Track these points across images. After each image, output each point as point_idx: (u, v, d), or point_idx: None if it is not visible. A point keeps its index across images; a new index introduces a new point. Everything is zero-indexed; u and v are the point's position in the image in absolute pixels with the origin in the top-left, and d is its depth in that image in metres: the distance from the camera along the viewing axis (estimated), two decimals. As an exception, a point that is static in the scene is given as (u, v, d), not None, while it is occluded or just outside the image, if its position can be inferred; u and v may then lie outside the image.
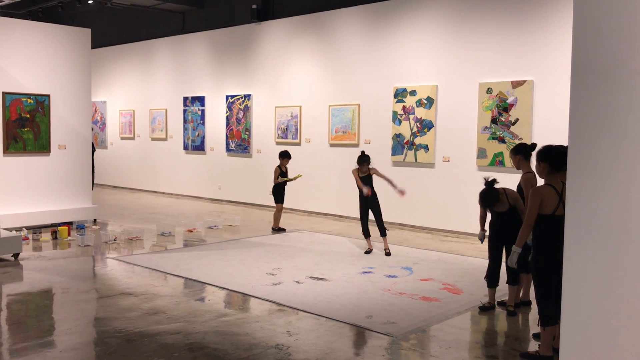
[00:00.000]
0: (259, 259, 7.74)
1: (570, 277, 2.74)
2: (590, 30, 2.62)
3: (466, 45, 9.58)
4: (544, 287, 4.45)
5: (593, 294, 2.66)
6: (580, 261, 2.69)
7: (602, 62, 2.59)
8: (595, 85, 2.61)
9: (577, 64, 2.66)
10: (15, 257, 7.63)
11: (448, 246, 8.86)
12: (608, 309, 2.62)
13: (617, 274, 2.59)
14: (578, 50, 2.65)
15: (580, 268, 2.69)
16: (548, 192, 4.39)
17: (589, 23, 2.62)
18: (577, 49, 2.66)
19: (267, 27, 12.69)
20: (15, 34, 9.67)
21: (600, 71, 2.59)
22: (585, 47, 2.63)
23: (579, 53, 2.65)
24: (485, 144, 9.32)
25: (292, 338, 4.84)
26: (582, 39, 2.64)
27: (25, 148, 9.73)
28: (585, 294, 2.68)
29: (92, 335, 4.98)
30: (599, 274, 2.63)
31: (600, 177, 2.60)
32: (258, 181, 12.84)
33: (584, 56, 2.63)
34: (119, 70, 16.75)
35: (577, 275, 2.71)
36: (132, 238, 9.06)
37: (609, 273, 2.61)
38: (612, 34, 2.56)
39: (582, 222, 2.67)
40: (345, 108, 11.23)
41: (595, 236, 2.63)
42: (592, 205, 2.63)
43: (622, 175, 2.54)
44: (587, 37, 2.63)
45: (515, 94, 8.98)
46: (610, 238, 2.59)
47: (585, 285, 2.68)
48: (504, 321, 5.47)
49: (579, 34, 2.65)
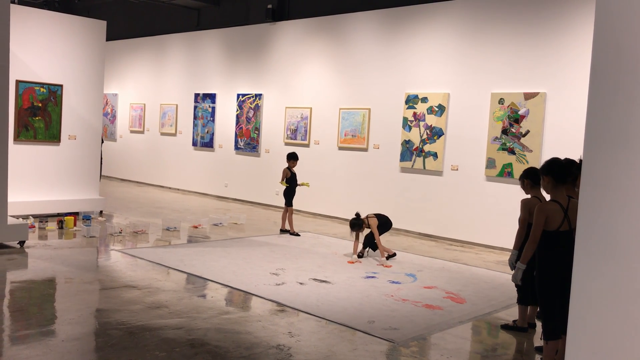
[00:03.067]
0: (263, 258, 7.74)
1: (579, 292, 2.72)
2: (610, 46, 2.60)
3: (480, 54, 9.56)
4: (548, 301, 4.43)
5: (601, 309, 2.64)
6: (590, 275, 2.67)
7: (620, 78, 2.57)
8: (612, 100, 2.59)
9: (595, 79, 2.64)
10: (21, 244, 7.66)
11: (453, 255, 8.83)
12: (616, 325, 2.60)
13: (627, 290, 2.57)
14: (597, 65, 2.64)
15: (590, 282, 2.67)
16: (553, 209, 4.37)
17: (609, 39, 2.61)
18: (596, 63, 2.65)
19: (282, 27, 12.71)
20: (32, 23, 9.73)
21: (617, 86, 2.57)
22: (604, 63, 2.62)
23: (597, 68, 2.64)
24: (495, 155, 9.29)
25: (293, 339, 4.83)
26: (601, 54, 2.63)
27: (36, 137, 9.77)
28: (594, 309, 2.66)
29: (94, 326, 4.99)
30: (609, 289, 2.61)
31: (614, 192, 2.58)
32: (265, 181, 12.85)
33: (602, 71, 2.62)
34: (132, 63, 16.81)
35: (586, 289, 2.69)
36: (137, 231, 9.08)
37: (619, 288, 2.59)
38: (631, 50, 2.55)
39: (593, 236, 2.65)
40: (356, 112, 11.22)
41: (606, 251, 2.61)
42: (604, 219, 2.61)
43: (635, 191, 2.52)
44: (606, 52, 2.61)
45: (527, 105, 8.95)
46: (622, 253, 2.57)
47: (593, 301, 2.66)
48: (506, 333, 5.44)
49: (599, 49, 2.64)
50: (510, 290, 6.54)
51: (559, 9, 8.74)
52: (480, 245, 9.49)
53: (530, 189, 5.38)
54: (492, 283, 7.17)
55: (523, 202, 5.33)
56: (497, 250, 9.21)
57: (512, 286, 6.21)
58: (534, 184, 5.31)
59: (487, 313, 5.94)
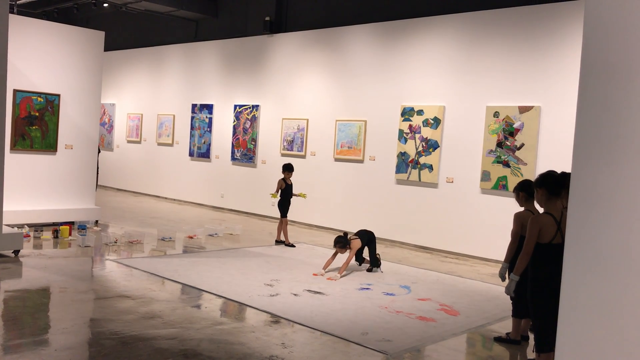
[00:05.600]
0: (257, 269, 7.74)
1: (568, 306, 2.74)
2: (598, 61, 2.65)
3: (475, 68, 9.64)
4: (541, 313, 4.45)
5: (590, 323, 2.66)
6: (579, 290, 2.70)
7: (609, 92, 2.61)
8: (600, 113, 2.63)
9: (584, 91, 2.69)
10: (15, 253, 7.65)
11: (447, 267, 8.84)
12: (606, 337, 2.62)
13: (615, 305, 2.59)
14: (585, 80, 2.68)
15: (578, 297, 2.70)
16: (547, 221, 4.41)
17: (597, 54, 2.66)
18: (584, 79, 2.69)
19: (279, 39, 12.80)
20: (30, 33, 9.78)
21: (606, 99, 2.62)
22: (592, 77, 2.66)
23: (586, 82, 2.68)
24: (490, 167, 9.34)
25: (286, 350, 4.84)
26: (590, 69, 2.67)
27: (33, 146, 9.79)
28: (582, 324, 2.68)
29: (87, 335, 4.99)
30: (597, 303, 2.64)
31: (602, 206, 2.61)
32: (261, 191, 12.86)
33: (591, 85, 2.67)
34: (129, 74, 16.87)
35: (574, 304, 2.71)
36: (133, 241, 9.08)
37: (607, 303, 2.61)
38: (619, 65, 2.59)
39: (581, 251, 2.68)
40: (352, 124, 11.28)
41: (594, 263, 2.64)
42: (593, 234, 2.64)
43: (623, 205, 2.55)
44: (594, 67, 2.66)
45: (522, 119, 9.01)
46: (611, 266, 2.60)
47: (582, 315, 2.68)
48: (499, 346, 5.45)
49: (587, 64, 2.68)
50: (504, 303, 6.55)
51: (553, 23, 8.84)
52: (474, 258, 9.51)
53: (525, 201, 5.40)
54: (486, 295, 7.19)
55: (516, 215, 5.36)
56: (491, 262, 9.23)
57: (506, 299, 6.23)
58: (528, 197, 5.33)
59: (480, 325, 5.96)
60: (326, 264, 7.86)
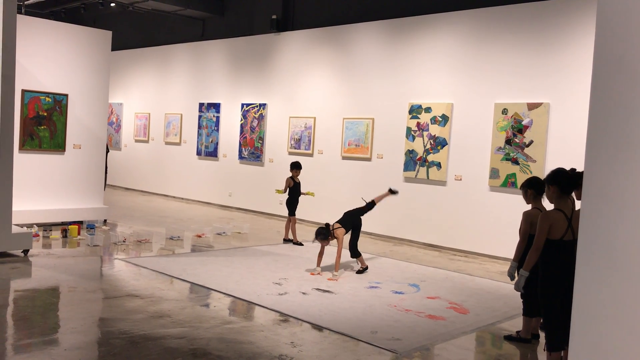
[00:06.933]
0: (266, 268, 7.74)
1: (581, 304, 2.71)
2: (611, 57, 2.61)
3: (483, 65, 9.59)
4: (552, 311, 4.42)
5: (604, 322, 2.63)
6: (592, 285, 2.66)
7: (621, 88, 2.58)
8: (613, 109, 2.59)
9: (596, 89, 2.65)
10: (25, 253, 7.68)
11: (456, 265, 8.80)
12: (619, 335, 2.58)
13: (629, 303, 2.56)
14: (598, 76, 2.65)
15: (592, 295, 2.66)
16: (558, 217, 4.37)
17: (609, 49, 2.62)
18: (597, 74, 2.65)
19: (286, 37, 12.78)
20: (38, 33, 9.80)
21: (618, 96, 2.58)
22: (605, 73, 2.62)
23: (598, 78, 2.64)
24: (499, 165, 9.28)
25: (295, 349, 4.82)
26: (602, 65, 2.63)
27: (41, 146, 9.82)
28: (596, 322, 2.65)
29: (97, 335, 5.00)
30: (611, 301, 2.60)
31: (615, 203, 2.58)
32: (269, 190, 12.85)
33: (603, 81, 2.63)
34: (137, 73, 16.91)
35: (587, 302, 2.68)
36: (141, 240, 9.09)
37: (621, 299, 2.58)
38: (633, 61, 2.55)
39: (595, 248, 2.64)
40: (360, 122, 11.25)
41: (608, 261, 2.61)
42: (606, 231, 2.61)
43: (637, 202, 2.52)
44: (607, 63, 2.62)
45: (531, 116, 8.95)
46: (624, 263, 2.56)
47: (596, 313, 2.65)
48: (509, 344, 5.41)
49: (599, 60, 2.65)
50: (514, 301, 6.51)
51: (562, 19, 8.77)
52: (483, 256, 9.46)
53: (533, 199, 5.35)
54: (495, 293, 7.15)
55: (525, 214, 5.32)
56: (500, 260, 9.18)
57: (516, 296, 6.19)
58: (537, 194, 5.29)
59: (490, 324, 5.92)
60: (318, 261, 7.71)
